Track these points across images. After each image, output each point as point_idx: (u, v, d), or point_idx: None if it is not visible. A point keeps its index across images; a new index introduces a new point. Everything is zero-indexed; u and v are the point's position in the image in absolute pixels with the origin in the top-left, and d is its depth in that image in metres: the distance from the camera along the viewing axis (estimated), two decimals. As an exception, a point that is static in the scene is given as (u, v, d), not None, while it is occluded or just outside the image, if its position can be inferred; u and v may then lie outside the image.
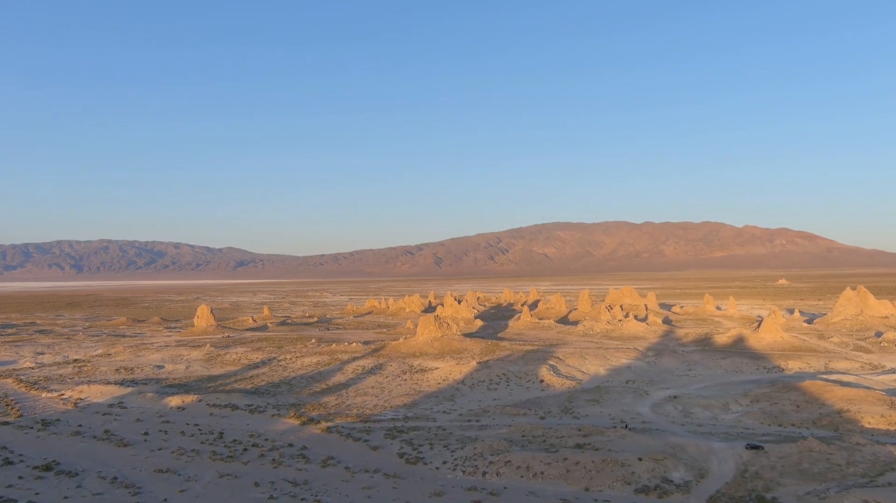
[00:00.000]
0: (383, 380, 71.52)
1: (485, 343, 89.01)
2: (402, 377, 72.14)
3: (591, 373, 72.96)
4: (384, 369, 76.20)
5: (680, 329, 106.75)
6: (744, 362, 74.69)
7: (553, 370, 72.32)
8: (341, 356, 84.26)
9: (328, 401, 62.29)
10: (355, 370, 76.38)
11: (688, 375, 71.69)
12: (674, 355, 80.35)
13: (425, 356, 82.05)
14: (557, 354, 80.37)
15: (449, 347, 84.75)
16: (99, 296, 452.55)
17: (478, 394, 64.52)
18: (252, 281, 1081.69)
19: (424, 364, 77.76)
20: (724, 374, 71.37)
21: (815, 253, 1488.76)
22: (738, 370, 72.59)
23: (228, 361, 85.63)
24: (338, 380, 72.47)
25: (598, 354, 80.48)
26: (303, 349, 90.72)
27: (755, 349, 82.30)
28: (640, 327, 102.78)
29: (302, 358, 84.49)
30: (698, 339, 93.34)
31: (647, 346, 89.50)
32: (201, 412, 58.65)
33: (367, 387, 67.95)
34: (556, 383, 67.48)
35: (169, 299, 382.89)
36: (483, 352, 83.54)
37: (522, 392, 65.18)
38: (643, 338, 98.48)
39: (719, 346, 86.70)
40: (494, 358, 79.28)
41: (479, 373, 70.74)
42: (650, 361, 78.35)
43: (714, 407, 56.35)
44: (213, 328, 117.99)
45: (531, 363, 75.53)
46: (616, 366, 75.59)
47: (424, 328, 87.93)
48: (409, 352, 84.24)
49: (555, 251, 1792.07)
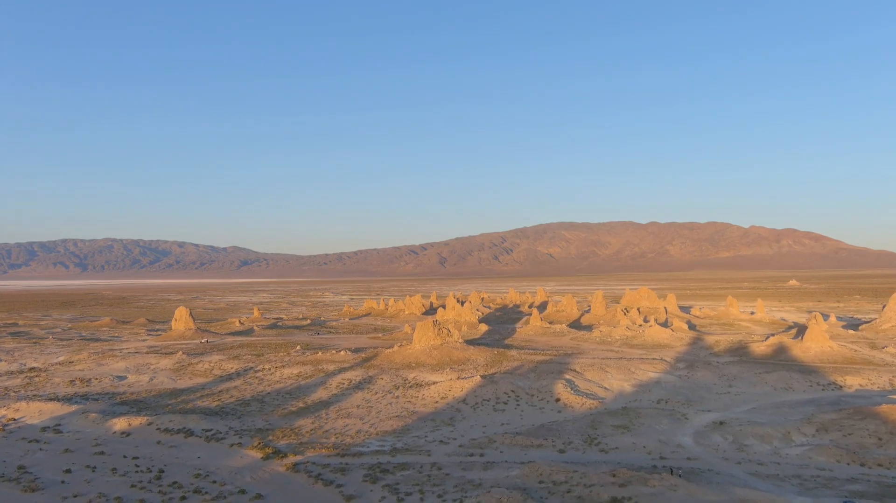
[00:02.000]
0: (372, 397, 61.17)
1: (490, 352, 78.61)
2: (394, 394, 61.80)
3: (615, 390, 62.46)
4: (374, 383, 65.87)
5: (708, 335, 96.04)
6: (792, 377, 64.06)
7: (570, 386, 61.86)
8: (326, 367, 73.98)
9: (303, 424, 52.02)
10: (340, 384, 66.07)
11: (728, 393, 61.12)
12: (708, 368, 69.75)
13: (422, 367, 71.67)
14: (574, 366, 69.88)
15: (449, 357, 74.36)
16: (97, 295, 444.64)
17: (482, 416, 54.14)
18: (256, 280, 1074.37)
19: (421, 377, 67.40)
20: (772, 393, 60.75)
21: (823, 253, 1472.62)
22: (788, 387, 61.95)
23: (199, 372, 75.48)
24: (319, 396, 62.17)
25: (621, 366, 69.95)
26: (284, 358, 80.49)
27: (802, 361, 71.65)
28: (664, 334, 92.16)
29: (282, 368, 74.26)
30: (732, 348, 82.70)
31: (675, 357, 78.90)
32: (148, 439, 48.49)
33: (352, 407, 57.64)
34: (575, 403, 57.06)
35: (167, 299, 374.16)
36: (488, 362, 73.15)
37: (535, 414, 54.78)
38: (669, 347, 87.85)
39: (759, 357, 76.04)
40: (501, 370, 68.86)
41: (483, 389, 60.35)
42: (682, 375, 67.78)
43: (772, 437, 45.82)
44: (192, 332, 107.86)
45: (544, 377, 65.09)
46: (643, 382, 65.06)
47: (422, 335, 77.57)
48: (403, 362, 73.88)
49: (559, 251, 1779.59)
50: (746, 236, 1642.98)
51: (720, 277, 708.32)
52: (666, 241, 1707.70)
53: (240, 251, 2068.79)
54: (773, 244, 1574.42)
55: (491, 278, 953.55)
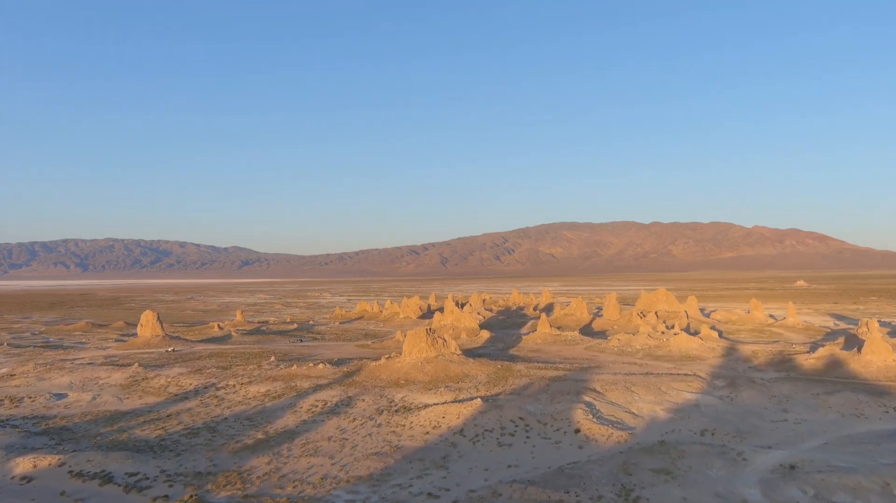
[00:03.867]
0: (348, 424, 50.01)
1: (493, 366, 67.36)
2: (376, 421, 50.63)
3: (647, 416, 51.23)
4: (352, 406, 54.70)
5: (742, 345, 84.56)
6: (861, 400, 52.78)
7: (591, 412, 50.64)
8: (300, 383, 62.81)
9: (256, 465, 40.91)
10: (313, 407, 54.90)
11: (786, 421, 49.85)
12: (754, 386, 58.45)
13: (412, 385, 60.44)
14: (594, 384, 58.62)
15: (444, 372, 63.16)
16: (92, 295, 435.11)
17: (483, 453, 42.97)
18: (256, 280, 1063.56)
19: (410, 398, 56.20)
20: (840, 421, 49.47)
21: (827, 254, 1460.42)
22: (859, 413, 50.66)
23: (152, 389, 64.38)
24: (284, 423, 51.03)
25: (650, 385, 58.69)
26: (254, 372, 69.31)
27: (864, 378, 60.39)
28: (693, 343, 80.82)
29: (248, 385, 63.10)
30: (774, 361, 71.38)
31: (710, 372, 67.56)
32: (52, 487, 37.45)
33: (322, 439, 46.47)
34: (600, 435, 45.84)
35: (161, 299, 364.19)
36: (491, 379, 61.93)
37: (550, 450, 43.59)
38: (700, 359, 76.49)
39: (809, 373, 64.74)
40: (507, 390, 57.63)
41: (485, 416, 49.16)
42: (724, 396, 56.51)
43: (868, 491, 34.61)
44: (160, 339, 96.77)
45: (559, 399, 53.86)
46: (678, 405, 53.82)
47: (413, 345, 66.40)
48: (390, 378, 62.68)
49: (561, 251, 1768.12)
50: (749, 236, 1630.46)
51: (724, 278, 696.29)
52: (668, 241, 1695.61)
53: (241, 251, 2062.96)
54: (776, 244, 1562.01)
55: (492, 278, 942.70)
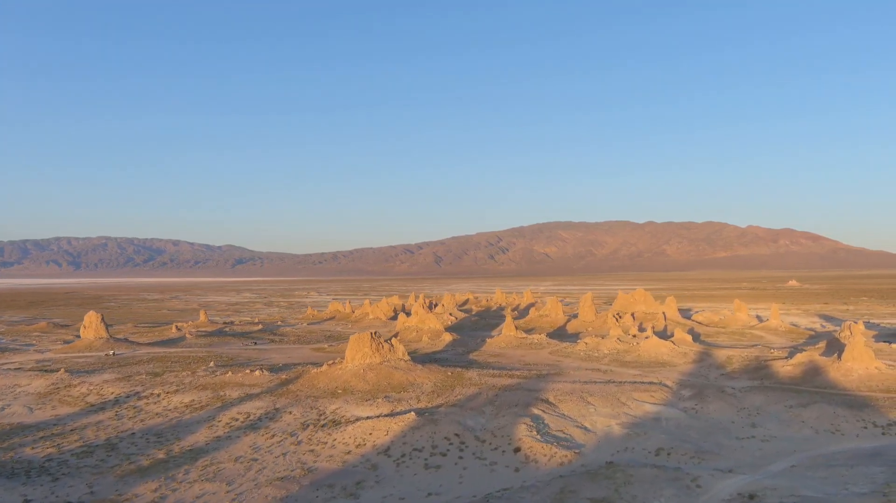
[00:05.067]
0: (265, 442, 44.62)
1: (442, 373, 62.02)
2: (297, 437, 45.26)
3: (600, 432, 46.01)
4: (277, 420, 49.33)
5: (718, 349, 79.41)
6: (838, 413, 47.67)
7: (537, 427, 45.39)
8: (230, 393, 57.40)
9: (140, 493, 35.50)
10: (232, 421, 49.50)
11: (753, 437, 44.74)
12: (723, 397, 53.33)
13: (350, 395, 55.08)
14: (547, 394, 53.38)
15: (388, 381, 57.84)
16: (76, 294, 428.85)
17: (406, 478, 37.67)
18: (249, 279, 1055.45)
19: (343, 411, 50.83)
20: (813, 438, 44.37)
21: (820, 254, 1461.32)
22: (835, 429, 45.55)
23: (70, 398, 58.86)
24: (195, 440, 45.61)
25: (609, 395, 53.48)
26: (186, 379, 63.77)
27: (843, 388, 55.34)
28: (665, 347, 75.66)
29: (173, 395, 57.65)
30: (749, 367, 66.28)
31: (678, 379, 62.42)
32: None
33: (229, 460, 41.09)
34: (542, 455, 40.61)
35: (144, 298, 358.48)
36: (437, 388, 56.59)
37: (482, 474, 38.34)
38: (670, 365, 71.30)
39: (785, 381, 59.63)
40: (451, 401, 52.29)
41: (417, 432, 43.84)
42: (689, 408, 51.39)
43: (836, 528, 29.55)
44: (103, 341, 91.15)
45: (505, 412, 48.58)
46: (638, 418, 48.64)
47: (356, 350, 61.07)
48: (328, 387, 57.32)
49: (556, 251, 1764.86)
50: (744, 236, 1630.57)
51: (718, 277, 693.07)
52: (663, 241, 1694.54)
53: (235, 250, 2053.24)
54: (770, 244, 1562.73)
55: (487, 278, 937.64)
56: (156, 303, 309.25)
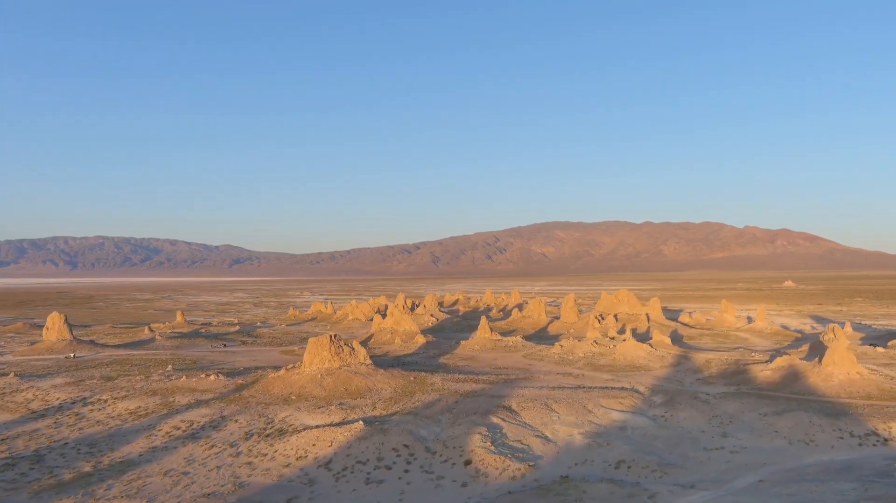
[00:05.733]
0: (202, 453, 41.84)
1: (404, 378, 59.25)
2: (238, 448, 42.47)
3: (561, 442, 43.31)
4: (220, 429, 46.53)
5: (697, 353, 76.69)
6: (814, 422, 44.99)
7: (493, 437, 42.66)
8: (179, 399, 54.58)
9: (49, 513, 32.77)
10: (174, 429, 46.69)
11: (722, 449, 42.05)
12: (695, 404, 50.64)
13: (303, 402, 52.29)
14: (510, 402, 50.67)
15: (345, 386, 55.09)
16: (68, 293, 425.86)
17: (343, 495, 34.90)
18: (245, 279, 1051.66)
19: (292, 419, 48.05)
20: (785, 450, 41.69)
21: (818, 254, 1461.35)
22: (809, 439, 42.87)
23: (12, 404, 55.98)
24: (128, 451, 42.79)
25: (575, 402, 50.78)
26: (138, 384, 60.92)
27: (823, 394, 52.69)
28: (641, 350, 72.93)
29: (120, 401, 54.82)
30: (728, 372, 63.55)
31: (652, 384, 59.72)
32: None
33: (158, 474, 38.29)
34: (493, 468, 37.88)
35: (134, 298, 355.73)
36: (396, 394, 53.87)
37: (426, 490, 35.59)
38: (645, 369, 68.59)
39: (763, 386, 56.96)
40: (408, 408, 49.55)
41: (364, 443, 41.09)
42: (658, 416, 48.72)
43: (798, 554, 26.85)
44: (65, 343, 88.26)
45: (462, 420, 45.85)
46: (602, 427, 45.94)
47: (315, 354, 58.34)
48: (282, 393, 54.55)
49: (553, 251, 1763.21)
50: (741, 236, 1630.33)
51: (715, 278, 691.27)
52: (660, 241, 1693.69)
53: (232, 249, 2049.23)
54: (767, 244, 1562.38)
55: (484, 278, 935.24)
56: (145, 303, 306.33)
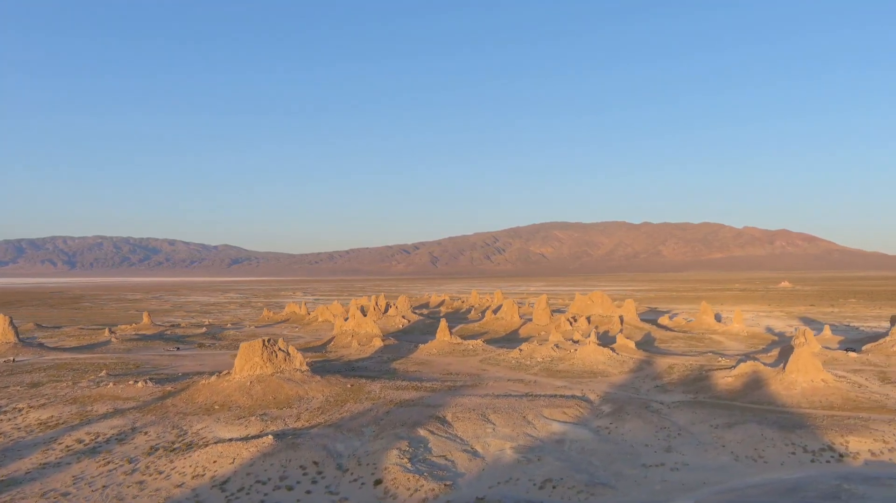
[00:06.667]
0: (96, 470, 38.41)
1: (341, 385, 55.81)
2: (136, 464, 39.04)
3: (490, 457, 39.87)
4: (126, 442, 43.10)
5: (663, 358, 73.17)
6: (766, 436, 41.52)
7: (414, 453, 39.20)
8: (98, 408, 51.18)
9: None
10: (76, 443, 43.26)
11: (662, 465, 38.60)
12: (644, 414, 47.18)
13: (226, 412, 48.85)
14: (447, 411, 47.23)
15: (275, 394, 51.71)
16: (61, 293, 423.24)
17: (229, 519, 31.52)
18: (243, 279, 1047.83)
19: (207, 431, 44.60)
20: (730, 467, 38.23)
21: (816, 255, 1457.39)
22: (759, 455, 39.40)
23: (-78, 413, 52.54)
24: (17, 468, 39.32)
25: (516, 412, 47.33)
26: (62, 390, 57.54)
27: (782, 403, 49.24)
28: (602, 355, 69.44)
29: (35, 410, 51.38)
30: (689, 379, 60.12)
31: (605, 391, 56.27)
32: None
33: (36, 495, 34.81)
34: (404, 489, 34.43)
35: (124, 298, 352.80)
36: (328, 403, 50.43)
37: (323, 514, 32.18)
38: (603, 374, 65.13)
39: (723, 394, 53.52)
40: (332, 419, 46.10)
41: (269, 459, 37.66)
42: (602, 428, 45.25)
43: None
44: (9, 346, 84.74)
45: (387, 433, 42.40)
46: (538, 440, 42.49)
47: (246, 360, 54.96)
48: (207, 401, 51.12)
49: (552, 251, 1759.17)
50: (740, 237, 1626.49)
51: (712, 278, 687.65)
52: (659, 242, 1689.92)
53: (231, 249, 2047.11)
54: (766, 245, 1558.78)
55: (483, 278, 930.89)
56: (132, 303, 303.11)
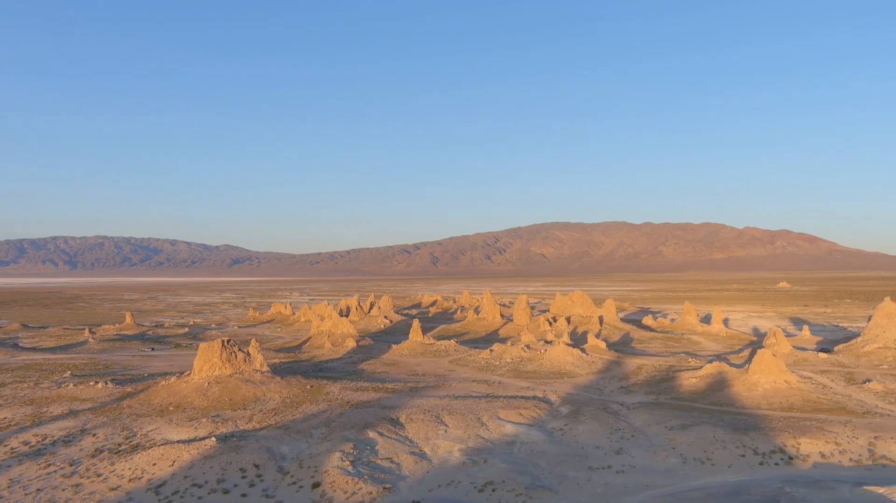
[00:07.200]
0: (35, 472, 37.95)
1: (300, 386, 55.31)
2: (77, 466, 38.60)
3: (437, 460, 39.38)
4: (73, 443, 42.66)
5: (633, 358, 72.61)
6: (718, 438, 40.94)
7: (358, 455, 38.70)
8: (53, 409, 50.77)
9: None
10: (22, 444, 42.79)
11: (608, 468, 38.04)
12: (600, 416, 46.62)
13: (180, 413, 48.39)
14: (400, 413, 46.71)
15: (231, 396, 51.25)
16: (57, 293, 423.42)
17: (156, 523, 31.05)
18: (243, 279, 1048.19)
19: (157, 433, 44.14)
20: (677, 469, 37.67)
21: (817, 255, 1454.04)
22: (707, 457, 38.83)
23: None
24: (-43, 470, 38.96)
25: (472, 413, 46.81)
26: (22, 392, 57.08)
27: (742, 404, 48.63)
28: (570, 356, 68.87)
29: (-11, 411, 50.99)
30: (655, 380, 59.53)
31: (567, 392, 55.73)
32: None
33: (-32, 497, 34.45)
34: (343, 491, 33.92)
35: (119, 298, 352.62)
36: (282, 405, 49.96)
37: (254, 518, 31.69)
38: (569, 375, 64.55)
39: (685, 395, 52.93)
40: (284, 421, 45.62)
41: (209, 462, 37.20)
42: (556, 429, 44.71)
43: None
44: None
45: (336, 435, 41.91)
46: (490, 442, 41.97)
47: (205, 361, 54.49)
48: (163, 403, 50.66)
49: (553, 251, 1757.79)
50: (741, 237, 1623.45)
51: (712, 279, 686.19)
52: (660, 242, 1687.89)
53: (232, 250, 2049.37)
54: (767, 245, 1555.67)
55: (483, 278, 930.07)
56: (127, 303, 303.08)
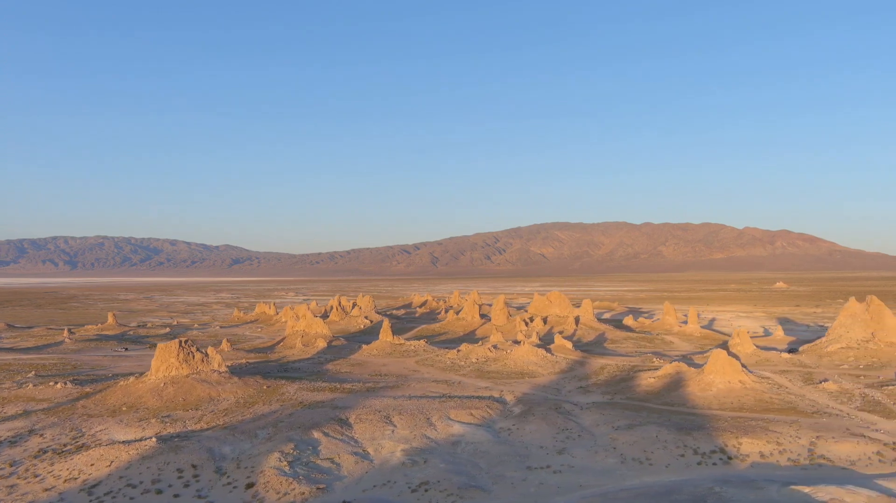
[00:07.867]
0: (-27, 472, 38.01)
1: (257, 387, 55.38)
2: (18, 467, 38.62)
3: (378, 460, 39.42)
4: (19, 444, 42.69)
5: (598, 358, 72.61)
6: (661, 437, 40.94)
7: (297, 456, 38.73)
8: (6, 410, 50.77)
9: None
10: (-33, 445, 42.91)
11: (547, 468, 38.05)
12: (551, 415, 46.63)
13: (132, 413, 48.45)
14: (350, 414, 46.74)
15: (186, 396, 51.32)
16: (54, 293, 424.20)
17: (82, 523, 31.10)
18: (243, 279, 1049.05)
19: (104, 433, 44.21)
20: (615, 470, 37.66)
21: (817, 255, 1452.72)
22: (646, 458, 38.83)
23: None
24: None
25: (419, 413, 46.84)
26: (-19, 392, 57.19)
27: (694, 404, 48.64)
28: (534, 356, 68.79)
29: (-56, 411, 51.06)
30: (615, 380, 59.51)
31: (523, 393, 55.72)
32: None
33: None
34: (275, 492, 33.95)
35: (114, 298, 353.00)
36: (235, 405, 50.00)
37: (181, 518, 31.74)
38: (531, 375, 64.55)
39: (641, 395, 52.94)
40: (232, 421, 45.68)
41: (146, 463, 37.24)
42: (504, 429, 44.73)
43: None
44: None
45: (281, 435, 41.95)
46: (435, 442, 42.00)
47: (162, 361, 54.55)
48: (117, 403, 50.74)
49: (552, 251, 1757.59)
50: (741, 237, 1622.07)
51: (711, 279, 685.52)
52: (659, 242, 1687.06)
53: (232, 250, 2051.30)
54: (767, 245, 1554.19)
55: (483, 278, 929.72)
56: (122, 303, 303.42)
